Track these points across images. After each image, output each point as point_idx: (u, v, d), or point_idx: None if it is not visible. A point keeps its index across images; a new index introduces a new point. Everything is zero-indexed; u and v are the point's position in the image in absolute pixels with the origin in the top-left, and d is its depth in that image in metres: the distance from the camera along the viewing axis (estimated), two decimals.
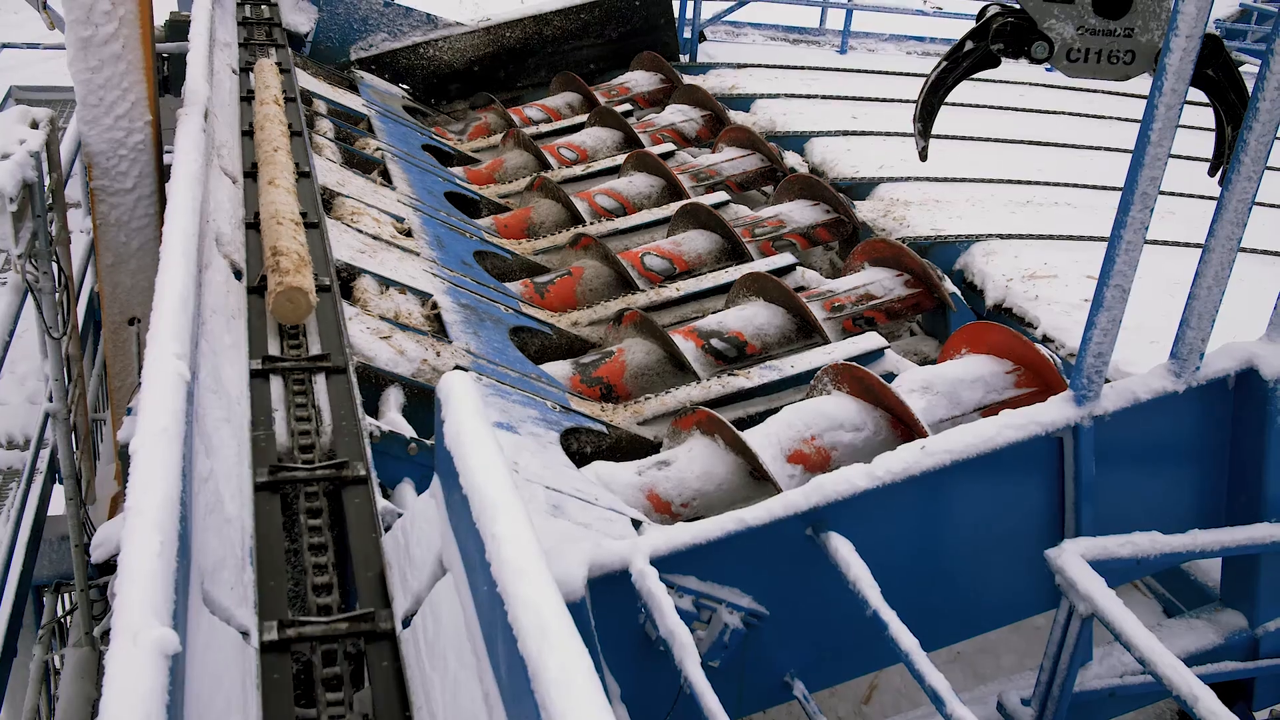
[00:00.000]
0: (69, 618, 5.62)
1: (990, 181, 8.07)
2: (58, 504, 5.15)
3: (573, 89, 9.98)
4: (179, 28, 7.88)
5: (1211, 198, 3.95)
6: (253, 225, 4.85)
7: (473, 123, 9.72)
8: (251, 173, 5.42)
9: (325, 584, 2.87)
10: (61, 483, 5.03)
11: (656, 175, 7.93)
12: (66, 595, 5.76)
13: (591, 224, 7.41)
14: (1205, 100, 4.88)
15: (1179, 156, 3.83)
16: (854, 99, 9.99)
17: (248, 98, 6.60)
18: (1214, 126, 5.06)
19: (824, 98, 9.99)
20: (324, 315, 4.29)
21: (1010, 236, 7.02)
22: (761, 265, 6.64)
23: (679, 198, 7.65)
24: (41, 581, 5.56)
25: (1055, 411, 3.86)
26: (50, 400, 4.81)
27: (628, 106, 9.68)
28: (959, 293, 6.55)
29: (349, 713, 2.49)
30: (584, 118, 9.37)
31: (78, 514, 5.01)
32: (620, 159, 8.34)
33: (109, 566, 3.12)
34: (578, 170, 8.42)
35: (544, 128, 9.41)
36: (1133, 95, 9.64)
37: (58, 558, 5.41)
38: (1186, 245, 6.53)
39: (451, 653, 2.40)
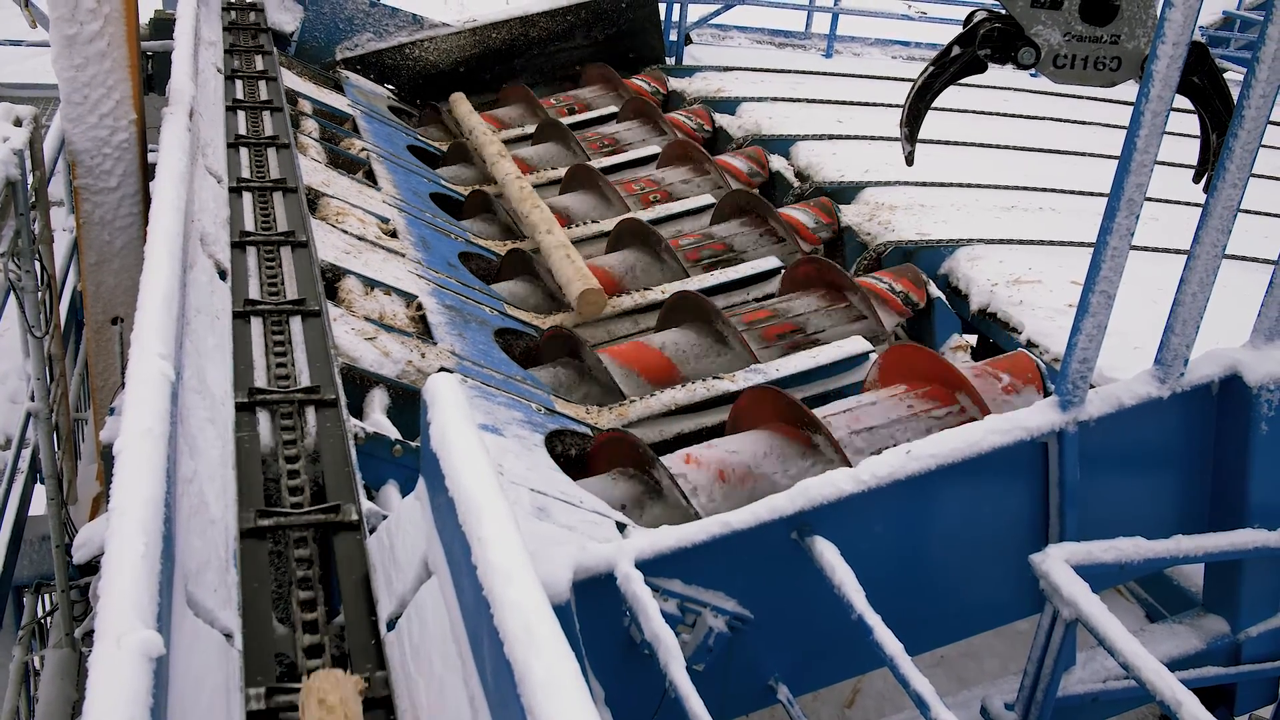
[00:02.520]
0: (49, 618, 5.58)
1: (976, 186, 8.09)
2: (39, 504, 5.12)
3: (521, 100, 9.94)
4: (163, 26, 7.84)
5: (1196, 204, 3.97)
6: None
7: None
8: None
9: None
10: (43, 482, 5.00)
11: (598, 191, 7.94)
12: (47, 596, 5.71)
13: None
14: (1190, 107, 4.91)
15: (1164, 163, 3.85)
16: (840, 103, 10.00)
17: (233, 107, 6.58)
18: (1199, 133, 5.09)
19: (810, 101, 10.00)
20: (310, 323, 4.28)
21: (995, 241, 7.04)
22: (750, 269, 6.66)
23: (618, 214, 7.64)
24: (22, 582, 5.51)
25: (1040, 416, 3.87)
26: (32, 399, 4.77)
27: (578, 119, 9.65)
28: (944, 298, 6.56)
29: None
30: (531, 129, 9.34)
31: (59, 514, 4.98)
32: (562, 173, 8.32)
33: (90, 567, 3.11)
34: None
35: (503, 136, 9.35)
36: (1118, 101, 9.69)
37: (38, 558, 5.36)
38: (1171, 251, 6.56)
39: (437, 656, 2.39)
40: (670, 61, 11.19)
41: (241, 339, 4.00)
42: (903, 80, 7.18)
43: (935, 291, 6.54)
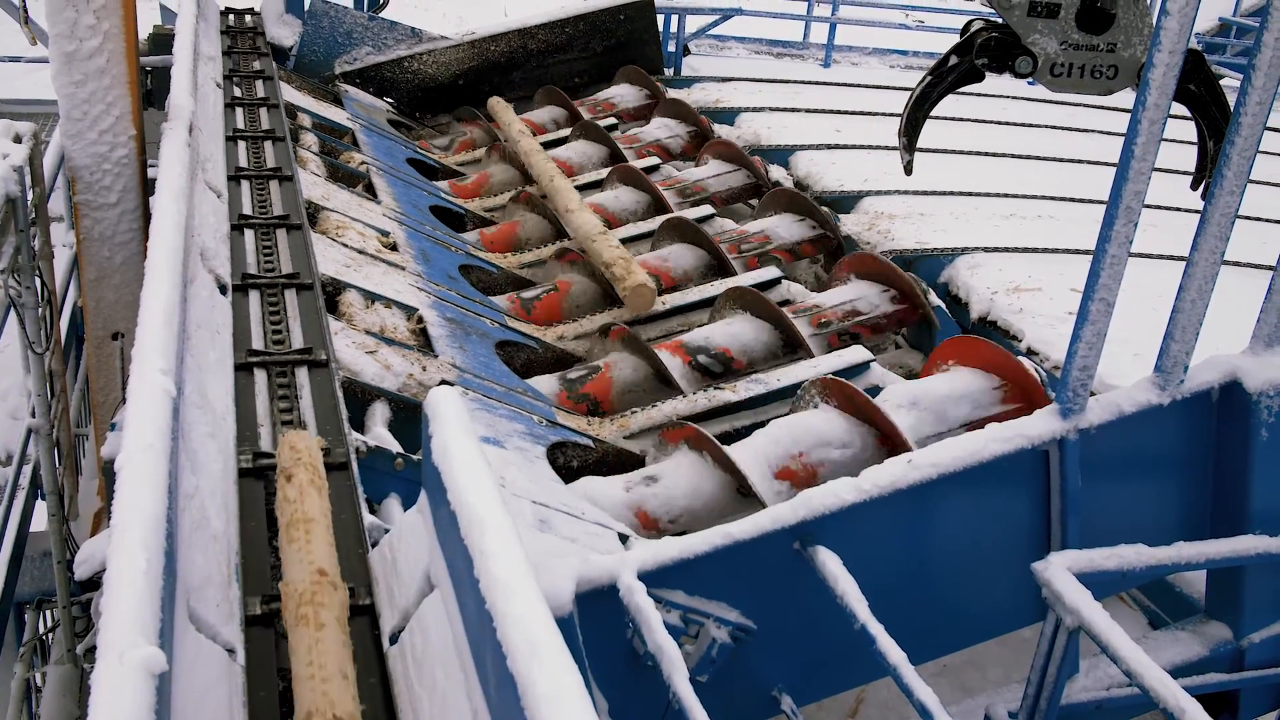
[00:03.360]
0: (51, 635, 5.58)
1: (975, 195, 8.10)
2: (40, 520, 5.12)
3: (556, 103, 10.00)
4: (162, 41, 7.87)
5: (1195, 211, 3.98)
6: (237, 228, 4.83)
7: (458, 137, 9.72)
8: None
9: None
10: (44, 498, 5.00)
11: (641, 190, 7.94)
12: (49, 612, 5.71)
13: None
14: (1187, 114, 4.92)
15: (1163, 170, 3.85)
16: (838, 112, 10.03)
17: (233, 106, 6.58)
18: (1196, 140, 5.10)
19: (808, 111, 10.02)
20: (309, 323, 4.28)
21: (995, 250, 7.05)
22: (746, 279, 6.65)
23: (663, 212, 7.65)
24: (23, 598, 5.51)
25: (1041, 425, 3.87)
26: (33, 415, 4.78)
27: (612, 121, 9.69)
28: (944, 306, 6.57)
29: None
30: (567, 132, 9.38)
31: (60, 530, 4.98)
32: (604, 173, 8.34)
33: (92, 583, 3.10)
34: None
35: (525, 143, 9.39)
36: (1115, 109, 9.71)
37: (40, 574, 5.36)
38: (1170, 258, 6.56)
39: (440, 669, 2.39)
40: (669, 72, 11.21)
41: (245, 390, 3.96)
42: (901, 89, 7.21)
43: (935, 300, 6.55)
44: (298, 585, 2.63)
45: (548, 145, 9.29)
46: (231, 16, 9.38)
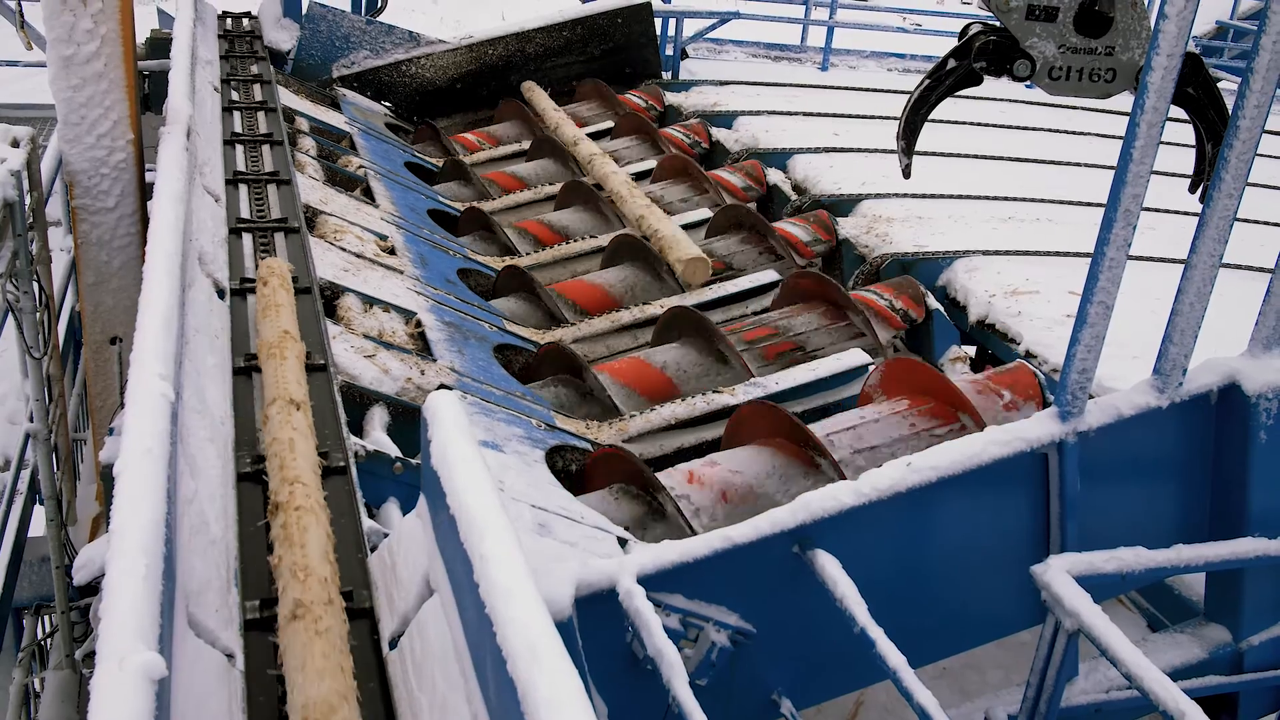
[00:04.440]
0: (50, 640, 5.57)
1: (973, 198, 8.10)
2: (38, 525, 5.11)
3: (518, 118, 9.98)
4: (160, 45, 7.87)
5: (1193, 213, 3.98)
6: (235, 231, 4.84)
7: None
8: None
9: None
10: (42, 504, 4.99)
11: (593, 210, 7.96)
12: (47, 617, 5.70)
13: (528, 254, 7.41)
14: (1186, 117, 4.92)
15: (1160, 173, 3.86)
16: (836, 116, 10.03)
17: (230, 110, 6.57)
18: (1194, 143, 5.10)
19: (806, 115, 10.02)
20: (308, 330, 4.27)
21: (993, 253, 7.05)
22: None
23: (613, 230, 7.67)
24: (22, 603, 5.50)
25: (1040, 427, 3.87)
26: (31, 420, 4.77)
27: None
28: (941, 310, 6.57)
29: None
30: (528, 145, 9.36)
31: (59, 535, 4.97)
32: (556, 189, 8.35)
33: (91, 588, 3.10)
34: (519, 199, 8.42)
35: (481, 156, 9.38)
36: (1114, 112, 9.71)
37: (38, 579, 5.36)
38: (1169, 261, 6.56)
39: (439, 674, 2.39)
40: (666, 76, 11.22)
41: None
42: (899, 93, 7.21)
43: (933, 303, 6.55)
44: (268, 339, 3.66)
45: (506, 159, 9.30)
46: (229, 20, 9.37)
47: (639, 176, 8.66)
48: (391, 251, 6.24)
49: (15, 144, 4.68)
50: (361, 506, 3.28)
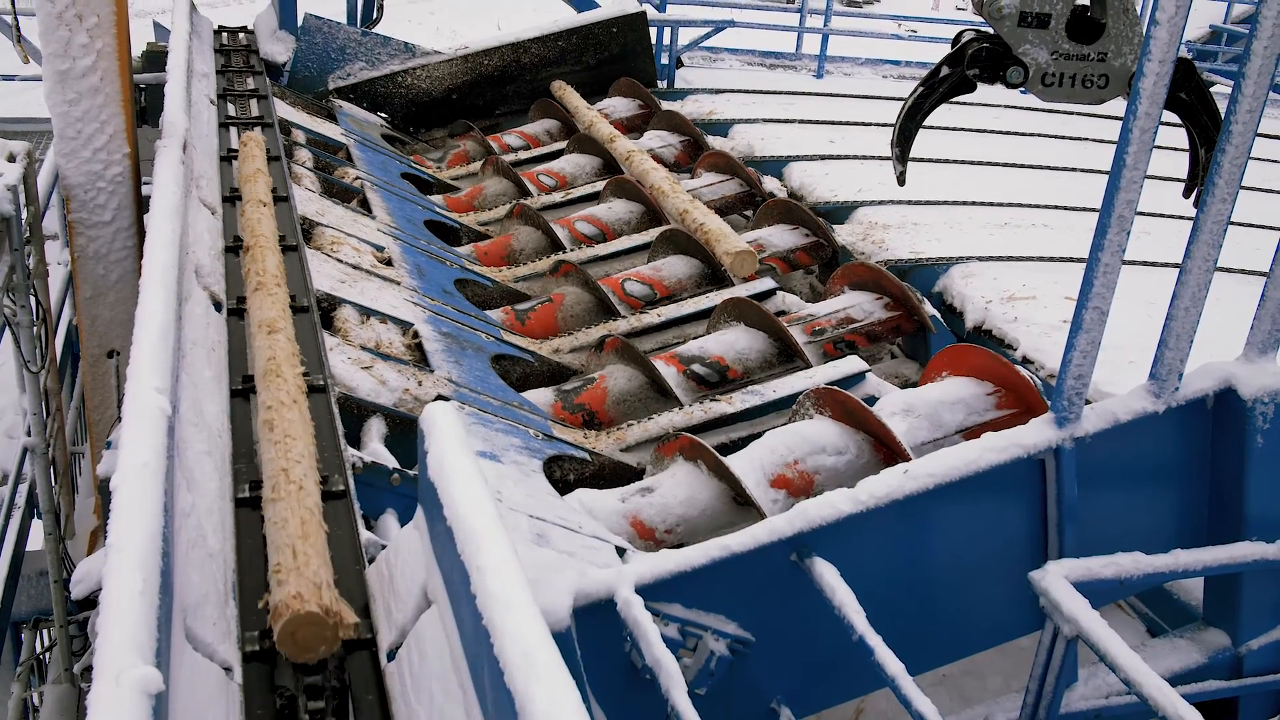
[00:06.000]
0: (48, 654, 5.57)
1: (968, 204, 8.11)
2: (36, 539, 5.11)
3: (551, 116, 10.03)
4: (156, 58, 7.89)
5: (1187, 217, 3.99)
6: (232, 249, 4.84)
7: (451, 150, 9.74)
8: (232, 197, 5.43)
9: None
10: (40, 517, 4.99)
11: (636, 201, 7.95)
12: (45, 631, 5.69)
13: (571, 250, 7.43)
14: (1178, 122, 4.94)
15: (1154, 177, 3.86)
16: (831, 123, 10.04)
17: (227, 125, 6.58)
18: (1187, 148, 5.12)
19: (801, 122, 10.04)
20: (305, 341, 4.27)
21: (989, 259, 7.06)
22: (742, 290, 6.66)
23: (659, 223, 7.67)
24: (20, 618, 5.49)
25: (1037, 434, 3.87)
26: (28, 434, 4.77)
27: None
28: (938, 315, 6.58)
29: None
30: (563, 144, 9.41)
31: (57, 549, 4.97)
32: (600, 185, 8.36)
33: (89, 602, 3.10)
34: (557, 197, 8.44)
35: (522, 155, 9.45)
36: (1107, 117, 9.74)
37: (36, 593, 5.35)
38: (1163, 265, 6.57)
39: (437, 686, 2.39)
40: (662, 85, 11.24)
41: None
42: (894, 100, 7.20)
43: (930, 309, 6.55)
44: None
45: (542, 158, 9.34)
46: (225, 34, 9.39)
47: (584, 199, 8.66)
48: (388, 262, 6.24)
49: (12, 158, 4.68)
50: (359, 518, 3.28)
